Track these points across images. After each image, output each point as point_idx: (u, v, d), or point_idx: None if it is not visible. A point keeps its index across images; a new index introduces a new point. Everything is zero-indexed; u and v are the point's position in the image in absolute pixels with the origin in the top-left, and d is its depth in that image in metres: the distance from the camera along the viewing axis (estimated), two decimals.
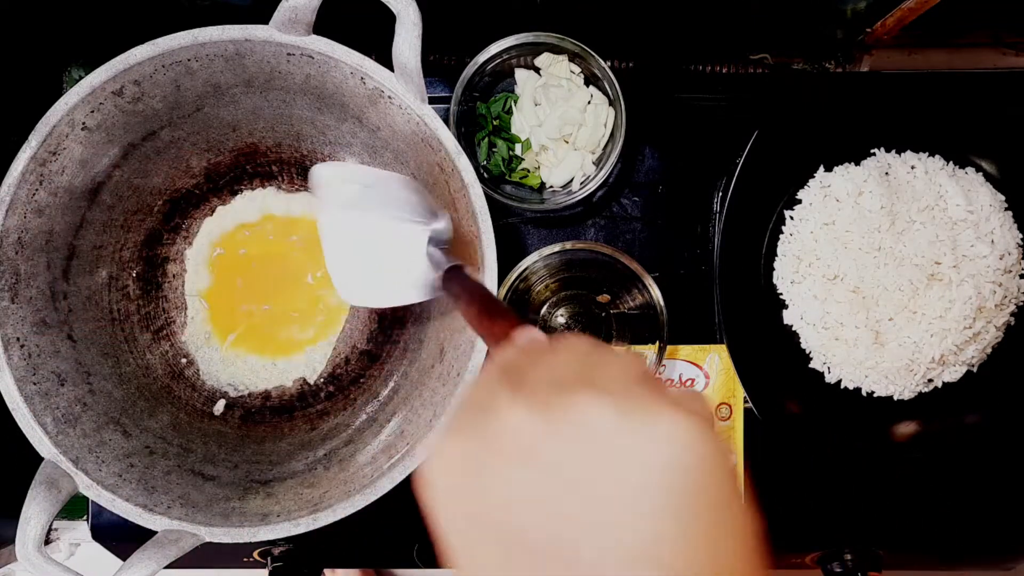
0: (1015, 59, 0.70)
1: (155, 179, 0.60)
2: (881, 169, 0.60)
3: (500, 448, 0.26)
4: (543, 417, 0.25)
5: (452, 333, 0.56)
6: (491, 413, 0.26)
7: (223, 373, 0.62)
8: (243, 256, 0.63)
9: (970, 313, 0.57)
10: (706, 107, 0.64)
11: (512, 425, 0.25)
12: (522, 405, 0.26)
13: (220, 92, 0.55)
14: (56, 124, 0.50)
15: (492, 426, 0.26)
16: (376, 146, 0.59)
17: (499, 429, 0.26)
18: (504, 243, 0.52)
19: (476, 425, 0.27)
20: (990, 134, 0.61)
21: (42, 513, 0.48)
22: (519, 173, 0.62)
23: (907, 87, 0.61)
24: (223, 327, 0.63)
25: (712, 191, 0.64)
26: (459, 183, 0.51)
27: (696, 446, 0.24)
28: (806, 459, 0.64)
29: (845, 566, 0.64)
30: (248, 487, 0.55)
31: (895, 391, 0.61)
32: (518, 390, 0.26)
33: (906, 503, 0.64)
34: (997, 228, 0.59)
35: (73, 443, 0.51)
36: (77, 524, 0.73)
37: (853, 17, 0.63)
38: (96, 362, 0.57)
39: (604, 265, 0.58)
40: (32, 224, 0.52)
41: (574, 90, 0.60)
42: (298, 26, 0.49)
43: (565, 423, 0.25)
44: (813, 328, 0.60)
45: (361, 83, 0.52)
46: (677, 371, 0.63)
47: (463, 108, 0.60)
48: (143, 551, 0.48)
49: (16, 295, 0.51)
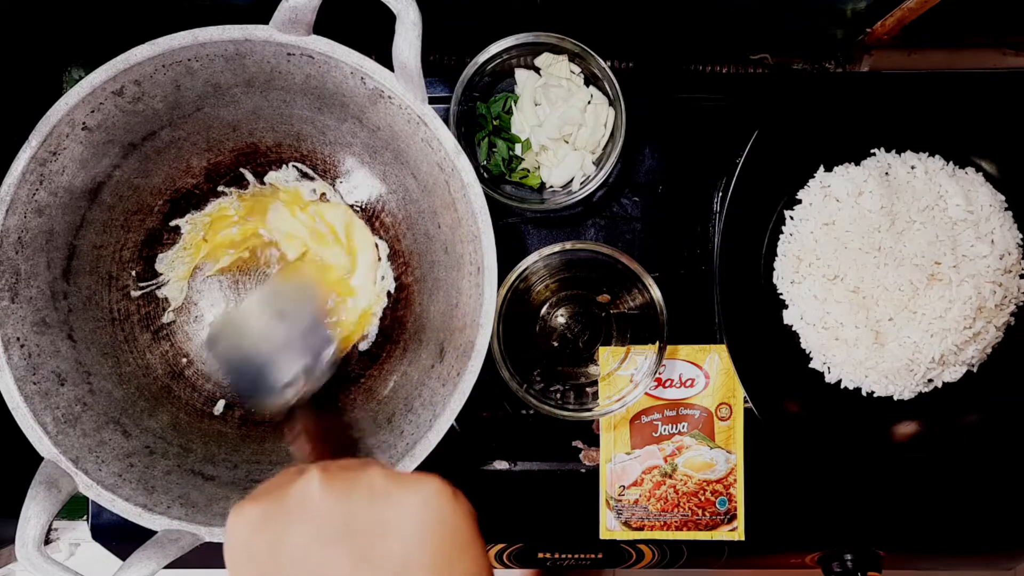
0: (1015, 59, 0.70)
1: (155, 179, 0.60)
2: (881, 169, 0.60)
3: (290, 507, 0.32)
4: (331, 479, 0.32)
5: (452, 333, 0.56)
6: (293, 484, 0.33)
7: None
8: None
9: (970, 313, 0.57)
10: (706, 107, 0.64)
11: (307, 487, 0.32)
12: (319, 476, 0.33)
13: (220, 92, 0.55)
14: (56, 124, 0.50)
15: (289, 491, 0.33)
16: (376, 146, 0.59)
17: (296, 488, 0.33)
18: (504, 243, 0.52)
19: (278, 492, 0.33)
20: (990, 134, 0.61)
21: (42, 513, 0.48)
22: (519, 173, 0.62)
23: (907, 87, 0.61)
24: None
25: (712, 191, 0.64)
26: (459, 183, 0.51)
27: (444, 498, 0.32)
28: (806, 459, 0.64)
29: (845, 566, 0.64)
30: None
31: (895, 391, 0.61)
32: (322, 471, 0.33)
33: (906, 503, 0.64)
34: (997, 228, 0.59)
35: (73, 443, 0.51)
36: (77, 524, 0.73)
37: (853, 17, 0.63)
38: (96, 362, 0.57)
39: (604, 265, 0.59)
40: (32, 224, 0.52)
41: (574, 90, 0.60)
42: (298, 26, 0.49)
43: (347, 481, 0.32)
44: (813, 328, 0.60)
45: (361, 83, 0.52)
46: (677, 371, 0.63)
47: (463, 108, 0.60)
48: (143, 551, 0.48)
49: (16, 295, 0.51)
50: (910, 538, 0.64)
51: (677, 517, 0.63)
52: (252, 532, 0.32)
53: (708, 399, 0.63)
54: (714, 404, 0.63)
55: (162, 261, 0.61)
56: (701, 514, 0.63)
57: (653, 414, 0.63)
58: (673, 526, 0.63)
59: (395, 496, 0.32)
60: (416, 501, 0.32)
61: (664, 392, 0.63)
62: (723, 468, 0.63)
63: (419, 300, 0.61)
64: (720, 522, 0.63)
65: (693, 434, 0.63)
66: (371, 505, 0.32)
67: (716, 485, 0.63)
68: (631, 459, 0.63)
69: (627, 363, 0.62)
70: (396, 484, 0.33)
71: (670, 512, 0.63)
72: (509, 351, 0.58)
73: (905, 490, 0.64)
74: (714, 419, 0.63)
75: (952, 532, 0.64)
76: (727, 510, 0.63)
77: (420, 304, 0.61)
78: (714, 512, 0.63)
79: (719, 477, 0.63)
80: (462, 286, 0.55)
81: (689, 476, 0.63)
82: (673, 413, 0.63)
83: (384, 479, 0.33)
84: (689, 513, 0.63)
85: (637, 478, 0.63)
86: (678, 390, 0.63)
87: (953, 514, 0.64)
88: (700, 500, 0.63)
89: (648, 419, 0.63)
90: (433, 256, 0.59)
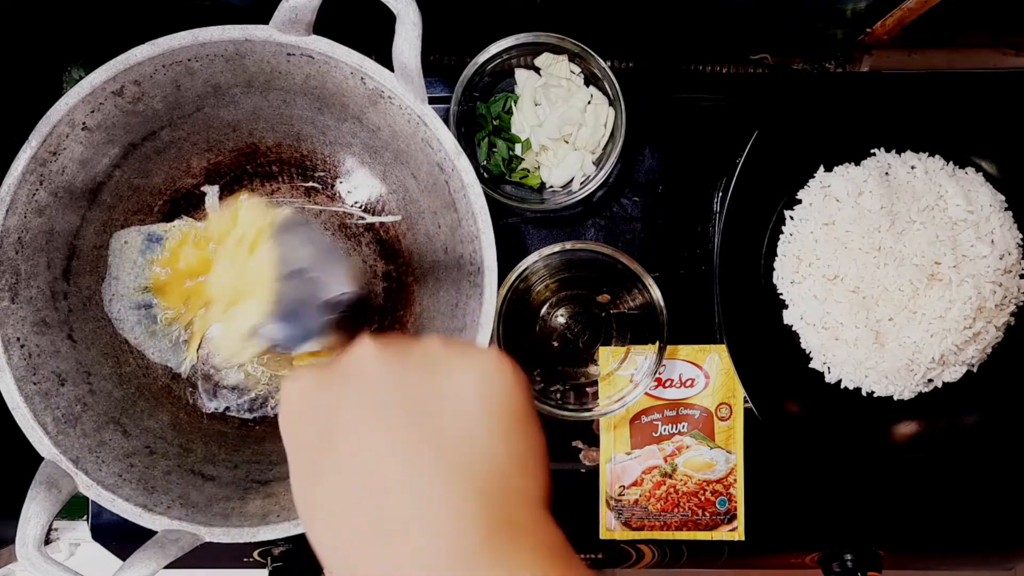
0: (1015, 59, 0.70)
1: (155, 179, 0.60)
2: (881, 169, 0.60)
3: (345, 373, 0.32)
4: (387, 351, 0.32)
5: (451, 333, 0.56)
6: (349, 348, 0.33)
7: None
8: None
9: (970, 313, 0.57)
10: (706, 107, 0.64)
11: (361, 353, 0.32)
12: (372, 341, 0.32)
13: (220, 92, 0.55)
14: (56, 124, 0.50)
15: (344, 359, 0.32)
16: (376, 146, 0.59)
17: (350, 356, 0.32)
18: (504, 243, 0.52)
19: (332, 361, 0.33)
20: (990, 134, 0.61)
21: (42, 513, 0.48)
22: (519, 173, 0.62)
23: (907, 87, 0.61)
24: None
25: (712, 191, 0.64)
26: (459, 183, 0.51)
27: (500, 369, 0.31)
28: (806, 459, 0.64)
29: (845, 566, 0.64)
30: (248, 487, 0.55)
31: (895, 391, 0.61)
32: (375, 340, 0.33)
33: (906, 503, 0.64)
34: (997, 228, 0.59)
35: (73, 443, 0.51)
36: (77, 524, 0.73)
37: (853, 17, 0.63)
38: (96, 362, 0.57)
39: (604, 265, 0.59)
40: (32, 224, 0.52)
41: (574, 90, 0.60)
42: (298, 26, 0.49)
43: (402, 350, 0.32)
44: (813, 328, 0.60)
45: (361, 83, 0.52)
46: (677, 371, 0.63)
47: (463, 108, 0.60)
48: (143, 551, 0.48)
49: (16, 295, 0.51)
50: (910, 538, 0.64)
51: (677, 517, 0.63)
52: (306, 396, 0.32)
53: (708, 399, 0.63)
54: (714, 404, 0.63)
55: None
56: (701, 514, 0.63)
57: (653, 414, 0.63)
58: (673, 526, 0.63)
59: (452, 365, 0.31)
60: (474, 371, 0.31)
61: (664, 392, 0.63)
62: (723, 468, 0.63)
63: (419, 300, 0.61)
64: (720, 522, 0.63)
65: (693, 434, 0.63)
66: (428, 373, 0.31)
67: (716, 485, 0.63)
68: (631, 459, 0.63)
69: (627, 363, 0.62)
70: (453, 353, 0.32)
71: (670, 512, 0.63)
72: (509, 351, 0.58)
73: (905, 490, 0.64)
74: (714, 419, 0.63)
75: (952, 532, 0.64)
76: (727, 510, 0.63)
77: (420, 304, 0.61)
78: (714, 512, 0.63)
79: (719, 477, 0.63)
80: (462, 286, 0.55)
81: (689, 476, 0.63)
82: (673, 413, 0.63)
83: (442, 347, 0.32)
84: (689, 513, 0.63)
85: (637, 478, 0.63)
86: (678, 390, 0.63)
87: (953, 514, 0.64)
88: (700, 500, 0.63)
89: (648, 419, 0.63)
90: (433, 256, 0.59)
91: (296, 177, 0.62)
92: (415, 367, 0.31)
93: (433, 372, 0.31)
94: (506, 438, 0.30)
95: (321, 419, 0.31)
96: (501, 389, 0.31)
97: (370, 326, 0.61)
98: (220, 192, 0.62)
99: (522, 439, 0.31)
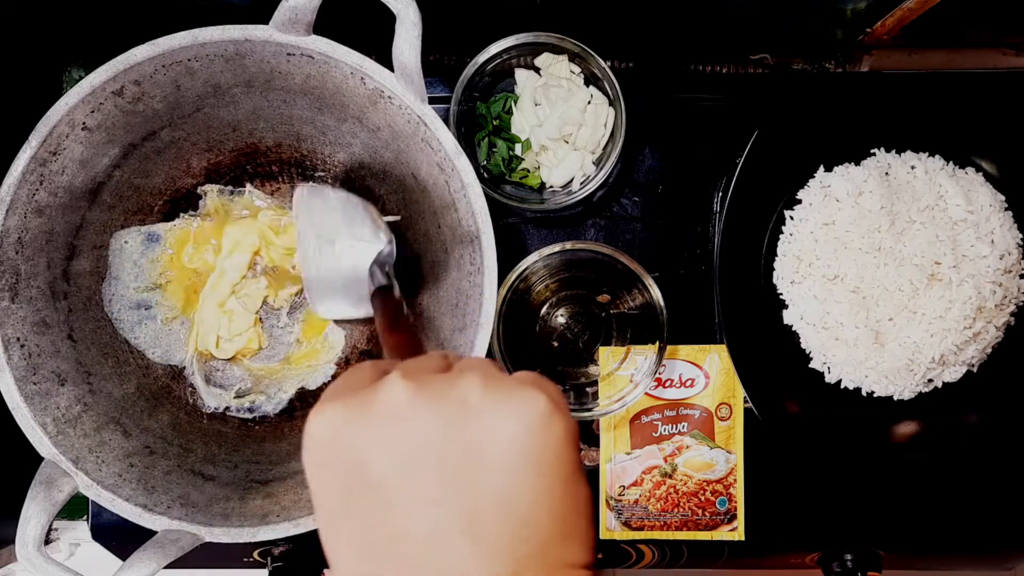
0: (1015, 59, 0.70)
1: (155, 179, 0.60)
2: (881, 169, 0.60)
3: (377, 409, 0.28)
4: (420, 389, 0.28)
5: (452, 333, 0.56)
6: (378, 384, 0.29)
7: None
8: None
9: (970, 313, 0.57)
10: (706, 107, 0.64)
11: (393, 393, 0.29)
12: (404, 380, 0.29)
13: (220, 92, 0.55)
14: (56, 124, 0.50)
15: (376, 393, 0.29)
16: (376, 146, 0.59)
17: (380, 394, 0.29)
18: (504, 243, 0.52)
19: (362, 391, 0.29)
20: (990, 134, 0.61)
21: (42, 513, 0.48)
22: (519, 173, 0.62)
23: (907, 87, 0.61)
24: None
25: (712, 191, 0.64)
26: (459, 183, 0.51)
27: (548, 418, 0.28)
28: (806, 459, 0.64)
29: (845, 566, 0.64)
30: (248, 487, 0.55)
31: (895, 391, 0.61)
32: (406, 374, 0.29)
33: (906, 503, 0.64)
34: (997, 228, 0.59)
35: (73, 443, 0.51)
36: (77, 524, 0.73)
37: (853, 17, 0.63)
38: (96, 362, 0.57)
39: (604, 265, 0.59)
40: (32, 224, 0.52)
41: (574, 90, 0.60)
42: (298, 26, 0.49)
43: (438, 394, 0.28)
44: (813, 328, 0.60)
45: (361, 83, 0.52)
46: (677, 371, 0.63)
47: (463, 108, 0.60)
48: (143, 551, 0.48)
49: (16, 295, 0.51)
50: (910, 538, 0.64)
51: (677, 517, 0.63)
52: (333, 437, 0.29)
53: (708, 399, 0.63)
54: (714, 404, 0.63)
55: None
56: (701, 514, 0.63)
57: (653, 414, 0.63)
58: (673, 526, 0.63)
59: (493, 413, 0.28)
60: (517, 421, 0.28)
61: (664, 392, 0.63)
62: (723, 468, 0.63)
63: (419, 300, 0.61)
64: (720, 522, 0.63)
65: (693, 434, 0.63)
66: (464, 423, 0.28)
67: (716, 485, 0.63)
68: (631, 459, 0.63)
69: (627, 363, 0.62)
70: (494, 398, 0.28)
71: (670, 512, 0.63)
72: (509, 351, 0.58)
73: (905, 490, 0.64)
74: (714, 419, 0.63)
75: (952, 532, 0.64)
76: (727, 510, 0.63)
77: (420, 304, 0.61)
78: (714, 512, 0.63)
79: (719, 477, 0.63)
80: (462, 286, 0.55)
81: (689, 476, 0.63)
82: (673, 413, 0.63)
83: (482, 389, 0.28)
84: (689, 513, 0.63)
85: (637, 478, 0.63)
86: (678, 390, 0.63)
87: (953, 514, 0.64)
88: (700, 500, 0.63)
89: (648, 419, 0.63)
90: (433, 256, 0.59)
91: (296, 177, 0.62)
92: (452, 416, 0.28)
93: (470, 421, 0.28)
94: (549, 499, 0.27)
95: (348, 466, 0.28)
96: (546, 442, 0.28)
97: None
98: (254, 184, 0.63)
99: (567, 498, 0.28)
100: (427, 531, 0.27)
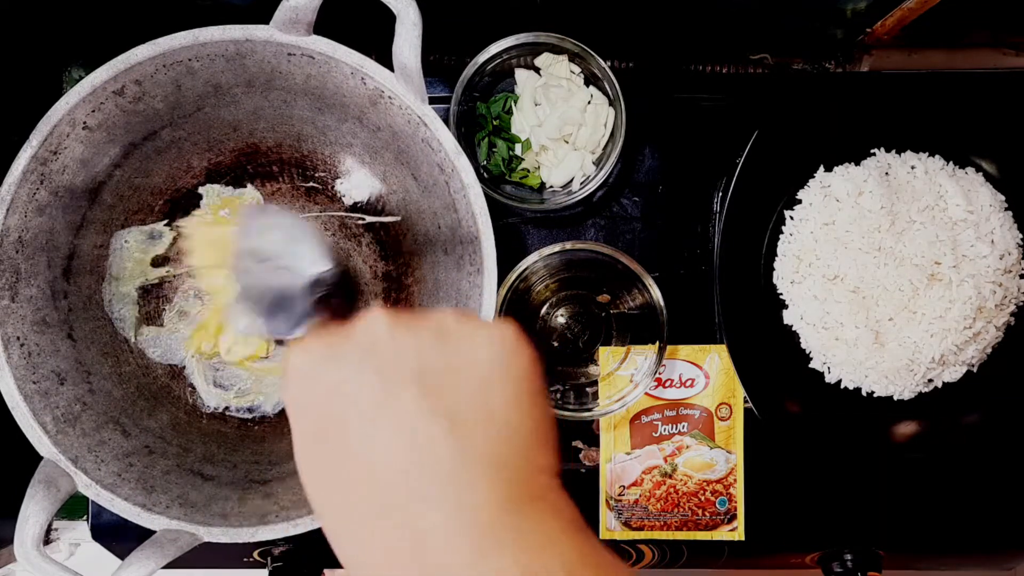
0: (1015, 59, 0.70)
1: (156, 179, 0.60)
2: (881, 169, 0.60)
3: (357, 344, 0.31)
4: (399, 321, 0.31)
5: None
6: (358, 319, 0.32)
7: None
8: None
9: (970, 313, 0.57)
10: (706, 107, 0.64)
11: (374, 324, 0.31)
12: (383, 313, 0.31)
13: (221, 92, 0.55)
14: (57, 123, 0.50)
15: (354, 329, 0.31)
16: (376, 146, 0.59)
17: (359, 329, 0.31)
18: (504, 243, 0.52)
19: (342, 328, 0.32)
20: (990, 134, 0.61)
21: (41, 512, 0.48)
22: (519, 173, 0.62)
23: (907, 87, 0.61)
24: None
25: (712, 191, 0.64)
26: (459, 183, 0.51)
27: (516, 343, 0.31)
28: (806, 459, 0.64)
29: (845, 566, 0.64)
30: (247, 487, 0.55)
31: (895, 391, 0.61)
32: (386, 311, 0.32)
33: (906, 503, 0.64)
34: (997, 228, 0.59)
35: (72, 442, 0.51)
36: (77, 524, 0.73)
37: (853, 17, 0.63)
38: (96, 361, 0.57)
39: (604, 265, 0.59)
40: (33, 223, 0.52)
41: (574, 90, 0.60)
42: (299, 26, 0.49)
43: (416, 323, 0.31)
44: (813, 328, 0.60)
45: (361, 83, 0.52)
46: (677, 371, 0.63)
47: (463, 108, 0.60)
48: (141, 551, 0.48)
49: (16, 294, 0.51)
50: (910, 538, 0.64)
51: (677, 517, 0.63)
52: (314, 369, 0.31)
53: (708, 399, 0.63)
54: (714, 404, 0.63)
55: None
56: (701, 514, 0.63)
57: (653, 414, 0.63)
58: (673, 526, 0.63)
59: (466, 337, 0.31)
60: (488, 344, 0.31)
61: (664, 392, 0.63)
62: (723, 468, 0.63)
63: (419, 300, 0.61)
64: (720, 522, 0.63)
65: (693, 434, 0.63)
66: (441, 344, 0.30)
67: (716, 485, 0.63)
68: (631, 459, 0.63)
69: (627, 363, 0.62)
70: (467, 326, 0.31)
71: (670, 512, 0.63)
72: None
73: (905, 490, 0.64)
74: (714, 419, 0.63)
75: (952, 532, 0.64)
76: (727, 510, 0.63)
77: (420, 304, 0.61)
78: (714, 512, 0.63)
79: (719, 477, 0.63)
80: (462, 286, 0.55)
81: (689, 476, 0.63)
82: (673, 413, 0.63)
83: (455, 319, 0.31)
84: (689, 513, 0.63)
85: (637, 478, 0.63)
86: (678, 390, 0.63)
87: (953, 514, 0.64)
88: (700, 500, 0.63)
89: (648, 419, 0.63)
90: (433, 256, 0.59)
91: (296, 177, 0.62)
92: (428, 338, 0.30)
93: (446, 343, 0.30)
94: (520, 409, 0.30)
95: (330, 394, 0.30)
96: (516, 361, 0.31)
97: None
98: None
99: (536, 411, 0.31)
100: (411, 448, 0.28)
